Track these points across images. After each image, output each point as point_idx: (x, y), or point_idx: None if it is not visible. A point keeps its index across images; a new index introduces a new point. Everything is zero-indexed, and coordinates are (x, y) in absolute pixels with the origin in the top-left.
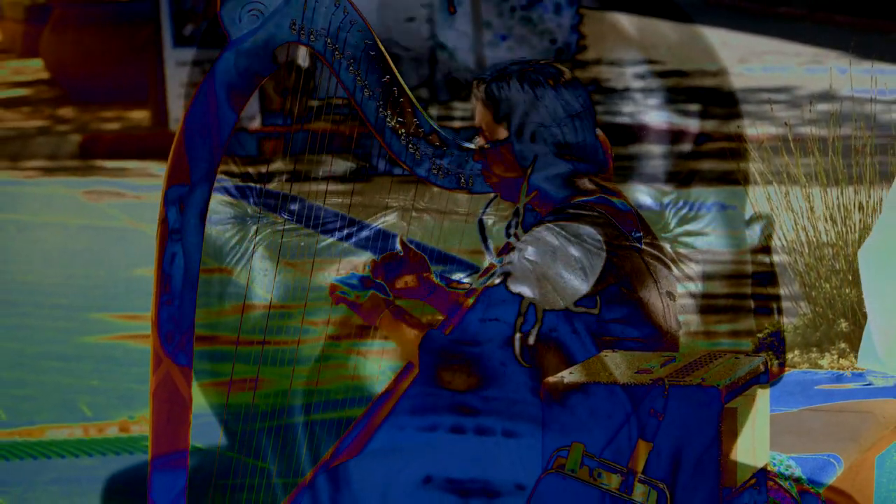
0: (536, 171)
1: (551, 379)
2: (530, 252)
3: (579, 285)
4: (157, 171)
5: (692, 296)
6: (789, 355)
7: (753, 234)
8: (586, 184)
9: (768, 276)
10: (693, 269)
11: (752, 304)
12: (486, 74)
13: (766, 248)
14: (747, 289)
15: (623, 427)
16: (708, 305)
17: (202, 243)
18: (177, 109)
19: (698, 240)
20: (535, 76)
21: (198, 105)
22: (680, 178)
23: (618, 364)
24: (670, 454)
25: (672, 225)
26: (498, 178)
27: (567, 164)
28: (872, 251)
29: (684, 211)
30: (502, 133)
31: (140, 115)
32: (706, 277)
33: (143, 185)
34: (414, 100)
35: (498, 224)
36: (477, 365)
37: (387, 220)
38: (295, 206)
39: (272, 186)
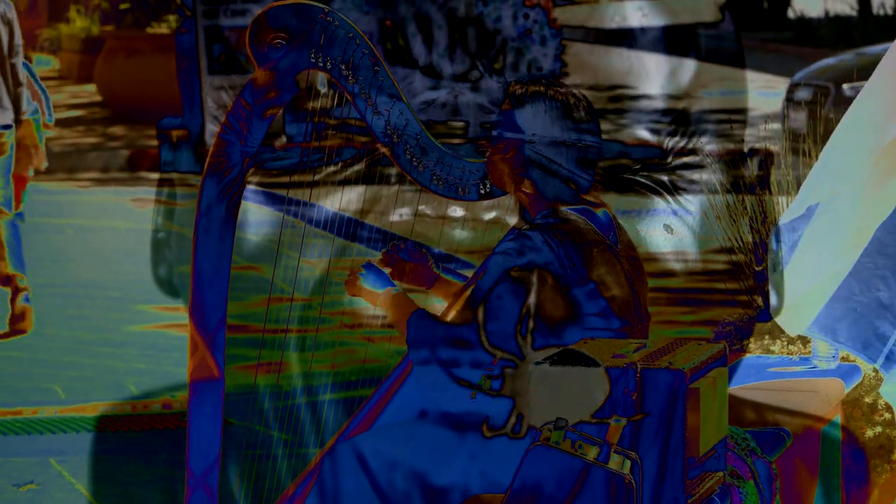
0: (537, 174)
1: None
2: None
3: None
4: (194, 181)
5: (662, 290)
6: (744, 341)
7: (752, 168)
8: (577, 193)
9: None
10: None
11: (713, 296)
12: (520, 80)
13: (764, 184)
14: (708, 284)
15: (621, 377)
16: (676, 298)
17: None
18: (212, 128)
19: (696, 173)
20: (557, 93)
21: (233, 115)
22: (650, 186)
23: (597, 350)
24: (660, 430)
25: (671, 158)
26: (496, 167)
27: (566, 173)
28: (787, 220)
29: (682, 143)
30: (517, 132)
31: (180, 133)
32: (674, 274)
33: (182, 194)
34: (418, 119)
35: (480, 229)
36: (472, 298)
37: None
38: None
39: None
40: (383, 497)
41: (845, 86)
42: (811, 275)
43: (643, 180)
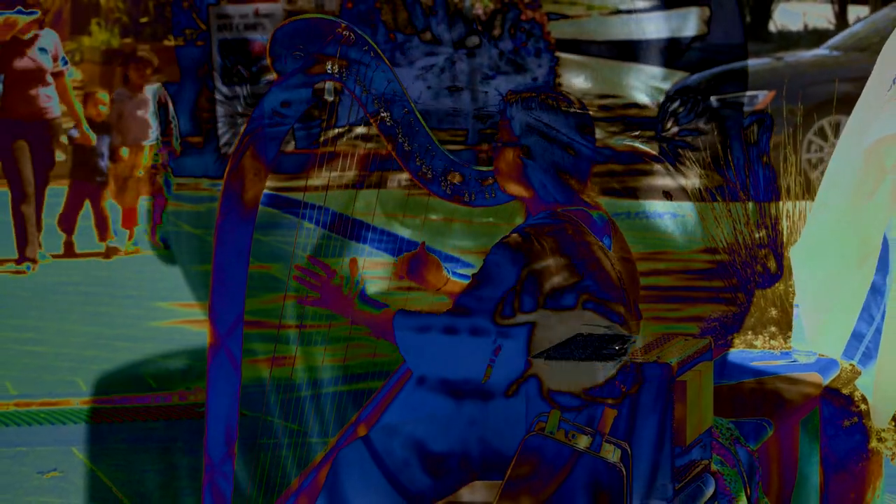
0: (536, 176)
1: None
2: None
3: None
4: (207, 185)
5: (650, 288)
6: (728, 337)
7: (753, 132)
8: (574, 195)
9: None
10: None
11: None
12: (515, 90)
13: (764, 148)
14: (694, 282)
15: None
16: (664, 295)
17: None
18: (224, 135)
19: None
20: (551, 100)
21: (253, 121)
22: (636, 191)
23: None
24: (658, 400)
25: (669, 124)
26: (501, 173)
27: (563, 175)
28: (803, 250)
29: (682, 111)
30: (515, 140)
31: (194, 140)
32: (662, 272)
33: (196, 197)
34: (427, 128)
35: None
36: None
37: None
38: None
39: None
40: (382, 465)
41: (712, 98)
42: (830, 292)
43: (640, 146)
